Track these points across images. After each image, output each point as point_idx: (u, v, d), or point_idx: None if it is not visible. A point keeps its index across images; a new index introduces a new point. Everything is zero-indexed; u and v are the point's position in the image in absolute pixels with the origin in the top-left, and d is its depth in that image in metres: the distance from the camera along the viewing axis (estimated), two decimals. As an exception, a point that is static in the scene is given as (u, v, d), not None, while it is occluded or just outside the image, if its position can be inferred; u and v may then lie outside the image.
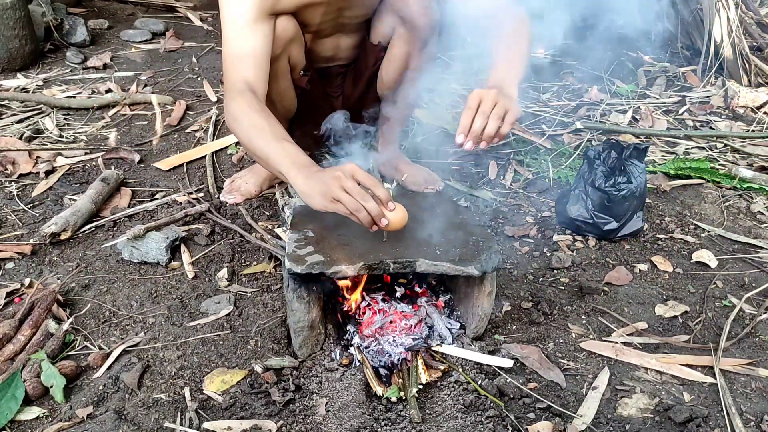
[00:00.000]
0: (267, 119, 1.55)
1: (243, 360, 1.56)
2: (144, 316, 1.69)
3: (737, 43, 3.19)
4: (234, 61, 1.64)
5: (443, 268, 1.45)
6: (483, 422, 1.37)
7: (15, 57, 3.20)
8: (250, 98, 1.58)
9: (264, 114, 1.56)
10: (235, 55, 1.64)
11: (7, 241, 1.95)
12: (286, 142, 1.50)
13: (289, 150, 1.48)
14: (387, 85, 2.05)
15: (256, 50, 1.65)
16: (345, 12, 1.84)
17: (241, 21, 1.63)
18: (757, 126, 2.86)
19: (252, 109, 1.55)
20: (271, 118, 1.56)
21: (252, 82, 1.63)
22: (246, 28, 1.63)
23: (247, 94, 1.59)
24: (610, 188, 2.00)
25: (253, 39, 1.64)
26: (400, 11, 1.86)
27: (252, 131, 1.53)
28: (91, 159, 2.45)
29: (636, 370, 1.56)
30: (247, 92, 1.59)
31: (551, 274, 1.92)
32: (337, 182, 1.36)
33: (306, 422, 1.39)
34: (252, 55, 1.64)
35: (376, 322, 1.59)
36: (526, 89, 3.19)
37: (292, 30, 1.77)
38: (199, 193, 2.24)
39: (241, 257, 1.94)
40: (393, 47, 1.96)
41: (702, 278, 1.91)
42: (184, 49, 3.74)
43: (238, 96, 1.59)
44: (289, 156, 1.47)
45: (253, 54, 1.64)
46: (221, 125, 2.75)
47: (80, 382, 1.48)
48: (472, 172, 2.44)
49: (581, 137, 2.68)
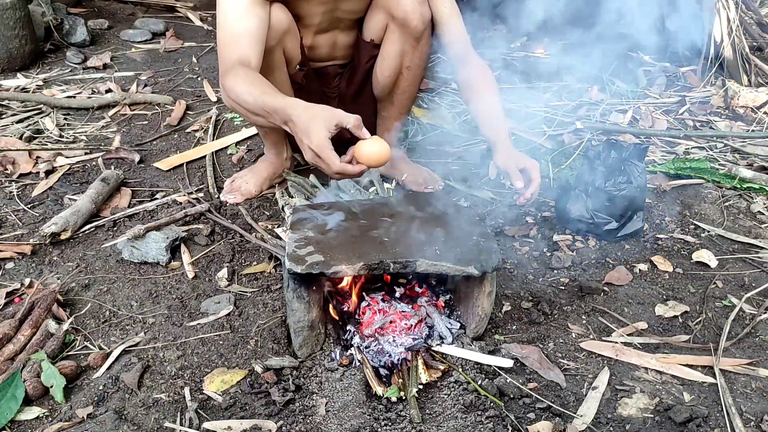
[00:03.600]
0: (262, 82, 1.56)
1: (243, 360, 1.56)
2: (144, 316, 1.69)
3: (737, 43, 3.18)
4: (229, 42, 1.66)
5: (443, 268, 1.45)
6: (483, 422, 1.37)
7: (15, 57, 3.20)
8: (244, 70, 1.59)
9: (260, 78, 1.57)
10: (231, 36, 1.66)
11: (7, 241, 1.95)
12: (284, 96, 1.51)
13: (288, 99, 1.49)
14: (382, 83, 2.05)
15: (251, 30, 1.67)
16: (341, 5, 1.85)
17: (239, 6, 1.66)
18: (757, 126, 2.86)
19: (248, 76, 1.57)
20: (265, 81, 1.58)
21: (247, 56, 1.64)
22: (242, 10, 1.66)
23: (240, 68, 1.60)
24: (610, 188, 2.00)
25: (247, 21, 1.67)
26: (391, 8, 1.86)
27: (248, 96, 1.53)
28: (91, 159, 2.45)
29: (636, 370, 1.56)
30: (240, 66, 1.61)
31: (551, 274, 1.92)
32: (312, 153, 1.40)
33: (306, 422, 1.39)
34: (247, 35, 1.66)
35: (376, 322, 1.59)
36: (526, 89, 3.19)
37: (286, 21, 1.79)
38: (199, 193, 2.24)
39: (241, 257, 1.94)
40: (386, 45, 1.97)
41: (702, 278, 1.91)
42: (184, 49, 3.74)
43: (231, 71, 1.60)
44: (287, 104, 1.46)
45: (248, 34, 1.66)
46: (221, 125, 2.75)
47: (80, 382, 1.48)
48: (472, 172, 2.44)
49: (581, 137, 2.67)
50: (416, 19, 1.85)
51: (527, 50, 3.73)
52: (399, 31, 1.90)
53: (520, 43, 3.79)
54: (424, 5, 1.85)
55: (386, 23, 1.92)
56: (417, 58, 1.98)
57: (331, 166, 1.38)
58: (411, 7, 1.83)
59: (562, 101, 3.09)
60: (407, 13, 1.84)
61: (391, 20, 1.89)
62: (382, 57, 1.99)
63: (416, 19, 1.85)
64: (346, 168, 1.40)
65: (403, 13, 1.84)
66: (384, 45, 1.97)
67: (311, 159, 1.41)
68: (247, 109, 1.57)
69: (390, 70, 2.00)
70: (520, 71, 3.33)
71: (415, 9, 1.84)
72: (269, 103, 1.48)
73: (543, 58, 3.60)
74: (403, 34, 1.90)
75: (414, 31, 1.88)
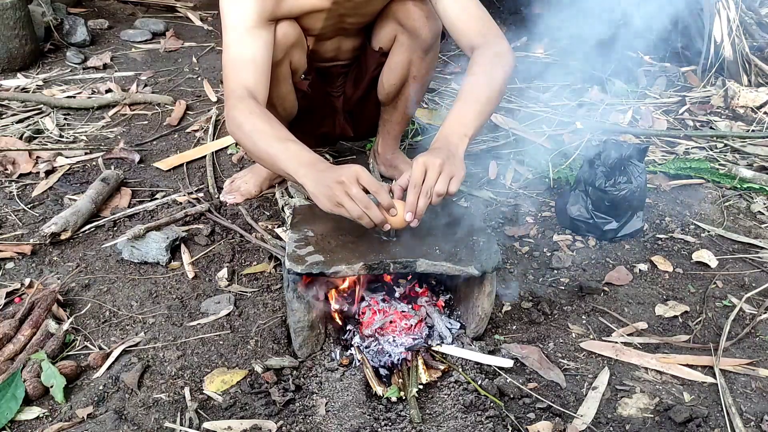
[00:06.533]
0: (269, 122, 1.54)
1: (243, 360, 1.56)
2: (144, 316, 1.69)
3: (737, 43, 3.18)
4: (234, 68, 1.63)
5: (443, 268, 1.45)
6: (483, 422, 1.37)
7: (15, 57, 3.20)
8: (251, 104, 1.57)
9: (265, 117, 1.55)
10: (236, 61, 1.63)
11: (7, 241, 1.95)
12: (290, 142, 1.50)
13: (294, 150, 1.48)
14: (387, 90, 2.05)
15: (256, 56, 1.64)
16: (346, 18, 1.83)
17: (242, 27, 1.62)
18: (757, 126, 2.86)
19: (253, 114, 1.54)
20: (273, 120, 1.56)
21: (253, 87, 1.62)
22: (246, 34, 1.63)
23: (248, 100, 1.58)
24: (610, 188, 2.00)
25: (253, 45, 1.63)
26: (402, 20, 1.85)
27: (255, 135, 1.52)
28: (91, 159, 2.45)
29: (636, 370, 1.56)
30: (248, 98, 1.58)
31: (551, 274, 1.92)
32: (341, 188, 1.35)
33: (306, 422, 1.39)
34: (252, 61, 1.63)
35: (376, 322, 1.59)
36: (526, 89, 3.19)
37: (294, 35, 1.76)
38: (199, 193, 2.24)
39: (241, 257, 1.94)
40: (394, 54, 1.96)
41: (702, 278, 1.91)
42: (184, 49, 3.74)
43: (239, 103, 1.58)
44: (294, 156, 1.46)
45: (254, 60, 1.63)
46: (221, 125, 2.75)
47: (80, 382, 1.48)
48: (472, 172, 2.44)
49: (581, 137, 2.67)
50: (426, 32, 1.84)
51: (527, 50, 3.73)
52: (408, 41, 1.89)
53: (520, 43, 3.79)
54: (435, 18, 1.82)
55: (395, 33, 1.91)
56: (424, 68, 1.98)
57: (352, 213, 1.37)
58: (422, 19, 1.82)
59: (563, 101, 3.09)
60: (418, 24, 1.83)
61: (401, 31, 1.88)
62: (389, 66, 1.99)
63: (426, 31, 1.84)
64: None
65: (414, 25, 1.84)
66: (392, 54, 1.96)
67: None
68: (249, 151, 1.59)
69: (396, 78, 2.00)
70: (520, 71, 3.33)
71: (426, 21, 1.83)
72: (279, 160, 1.48)
73: (543, 58, 3.60)
74: (412, 44, 1.89)
75: (423, 42, 1.88)
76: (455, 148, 1.46)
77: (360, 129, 2.29)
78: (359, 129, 2.29)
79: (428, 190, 1.39)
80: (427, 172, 1.39)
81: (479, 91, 1.55)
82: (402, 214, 1.41)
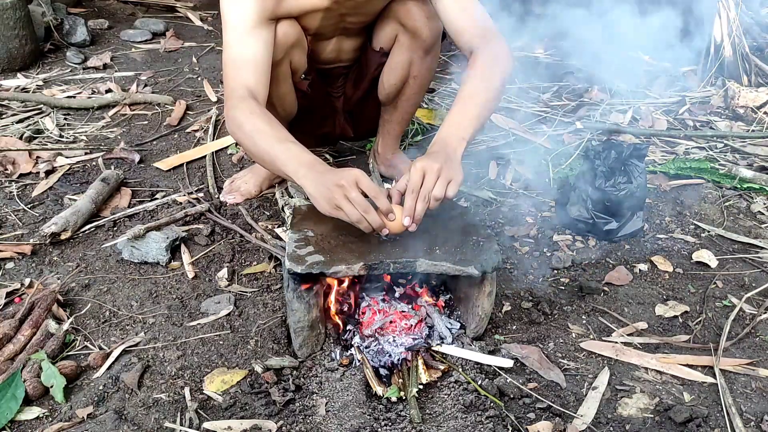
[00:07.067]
0: (269, 122, 1.54)
1: (243, 360, 1.56)
2: (144, 316, 1.69)
3: (737, 43, 3.18)
4: (234, 67, 1.63)
5: (443, 268, 1.45)
6: (483, 422, 1.37)
7: (15, 57, 3.20)
8: (252, 104, 1.57)
9: (266, 117, 1.55)
10: (236, 61, 1.63)
11: (7, 241, 1.95)
12: (290, 143, 1.50)
13: (294, 150, 1.48)
14: (388, 90, 2.05)
15: (256, 56, 1.64)
16: (346, 18, 1.83)
17: (242, 27, 1.62)
18: (757, 126, 2.86)
19: (254, 115, 1.55)
20: (273, 120, 1.56)
21: (253, 87, 1.62)
22: (246, 33, 1.63)
23: (248, 101, 1.58)
24: (610, 188, 2.00)
25: (253, 45, 1.63)
26: (402, 20, 1.85)
27: (256, 136, 1.52)
28: (91, 159, 2.45)
29: (636, 370, 1.56)
30: (248, 98, 1.59)
31: (551, 274, 1.92)
32: (341, 191, 1.36)
33: (306, 422, 1.39)
34: (252, 61, 1.63)
35: (376, 322, 1.59)
36: (526, 89, 3.19)
37: (294, 35, 1.76)
38: (199, 193, 2.24)
39: (241, 257, 1.94)
40: (395, 54, 1.96)
41: (702, 278, 1.91)
42: (184, 49, 3.74)
43: (239, 103, 1.58)
44: (294, 157, 1.47)
45: (254, 60, 1.64)
46: (221, 125, 2.75)
47: (80, 382, 1.48)
48: (472, 172, 2.44)
49: (581, 137, 2.67)
50: (427, 32, 1.84)
51: (527, 50, 3.73)
52: (409, 41, 1.89)
53: (520, 43, 3.79)
54: (436, 18, 1.81)
55: (396, 33, 1.91)
56: (425, 69, 1.98)
57: (351, 217, 1.38)
58: (423, 19, 1.82)
59: (562, 101, 3.09)
60: (418, 24, 1.83)
61: (402, 31, 1.88)
62: (390, 65, 1.99)
63: (427, 31, 1.84)
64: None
65: (415, 25, 1.84)
66: (393, 54, 1.96)
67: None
68: (249, 151, 1.59)
69: (396, 78, 2.00)
70: (520, 71, 3.33)
71: (427, 21, 1.82)
72: (278, 161, 1.48)
73: (543, 58, 3.60)
74: (413, 44, 1.89)
75: (424, 43, 1.88)
76: (453, 152, 1.46)
77: (360, 129, 2.29)
78: (359, 129, 2.29)
79: (426, 195, 1.39)
80: (425, 177, 1.39)
81: (477, 93, 1.55)
82: (400, 218, 1.41)
